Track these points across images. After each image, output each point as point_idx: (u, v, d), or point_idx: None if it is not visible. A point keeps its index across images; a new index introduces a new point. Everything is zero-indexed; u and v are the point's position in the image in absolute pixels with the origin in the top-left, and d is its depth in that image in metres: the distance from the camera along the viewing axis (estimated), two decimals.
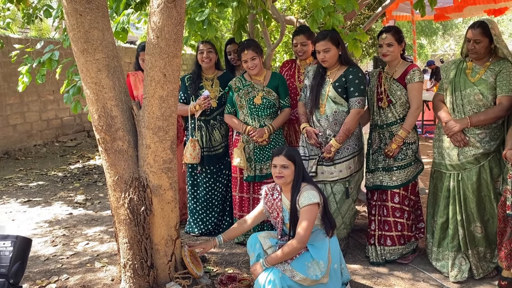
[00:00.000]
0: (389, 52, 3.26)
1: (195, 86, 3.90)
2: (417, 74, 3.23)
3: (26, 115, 8.46)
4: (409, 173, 3.32)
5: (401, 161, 3.30)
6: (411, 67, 3.27)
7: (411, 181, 3.35)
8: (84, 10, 2.58)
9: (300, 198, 2.78)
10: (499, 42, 3.02)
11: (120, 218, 2.82)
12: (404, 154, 3.30)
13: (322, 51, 3.28)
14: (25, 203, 5.21)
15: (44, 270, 3.35)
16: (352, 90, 3.27)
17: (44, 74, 4.41)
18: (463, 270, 3.13)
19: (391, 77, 3.32)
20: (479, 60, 3.13)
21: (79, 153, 8.40)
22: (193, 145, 3.84)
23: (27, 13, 5.83)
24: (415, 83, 3.22)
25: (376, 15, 5.67)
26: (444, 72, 3.29)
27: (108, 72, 2.70)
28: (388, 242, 3.37)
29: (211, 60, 3.87)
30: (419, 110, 3.26)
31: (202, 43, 3.85)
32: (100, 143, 2.79)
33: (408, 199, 3.37)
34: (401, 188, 3.33)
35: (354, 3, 3.38)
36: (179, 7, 2.60)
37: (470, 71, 3.13)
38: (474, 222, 3.13)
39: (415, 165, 3.34)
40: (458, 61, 3.28)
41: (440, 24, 20.39)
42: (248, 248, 2.97)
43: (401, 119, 3.28)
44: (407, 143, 3.29)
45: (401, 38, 3.29)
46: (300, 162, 2.90)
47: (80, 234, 4.12)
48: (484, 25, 3.02)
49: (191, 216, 4.07)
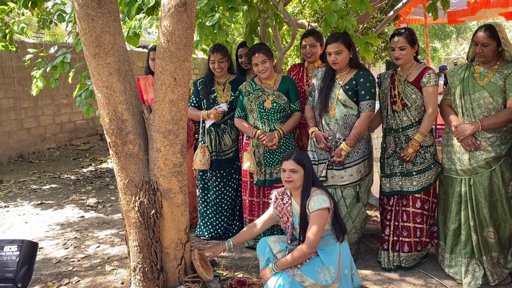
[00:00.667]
0: (402, 56, 3.23)
1: (207, 90, 3.91)
2: (432, 77, 3.18)
3: (40, 118, 8.58)
4: (429, 176, 3.27)
5: (420, 165, 3.25)
6: (426, 69, 3.22)
7: (433, 184, 3.31)
8: (96, 14, 2.60)
9: (310, 202, 2.76)
10: (506, 45, 3.01)
11: (130, 221, 2.83)
12: (423, 157, 3.25)
13: (334, 53, 3.25)
14: (38, 205, 5.27)
15: (55, 273, 3.37)
16: (363, 93, 3.25)
17: (57, 78, 4.46)
18: (476, 276, 3.08)
19: (405, 80, 3.28)
20: (487, 64, 3.11)
21: (91, 156, 8.48)
22: (203, 151, 3.84)
23: (42, 18, 5.91)
24: (431, 86, 3.18)
25: (388, 18, 5.63)
26: (451, 77, 3.26)
27: (119, 76, 2.72)
28: (406, 248, 3.33)
29: (222, 69, 3.88)
30: (436, 113, 3.21)
31: (213, 53, 3.83)
32: (111, 147, 2.80)
33: (428, 203, 3.33)
34: (423, 192, 3.28)
35: (368, 5, 3.35)
36: (190, 11, 2.61)
37: (478, 75, 3.10)
38: (487, 227, 3.08)
39: (434, 167, 3.29)
40: (465, 65, 3.25)
41: (454, 28, 20.22)
42: (257, 252, 2.95)
43: (417, 122, 3.24)
44: (424, 146, 3.24)
45: (414, 41, 3.25)
46: (310, 166, 2.88)
47: (91, 237, 4.15)
48: (491, 28, 3.00)
49: (202, 219, 4.07)
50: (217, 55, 3.83)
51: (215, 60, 3.84)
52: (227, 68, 3.96)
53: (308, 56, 3.84)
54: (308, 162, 2.89)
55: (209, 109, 3.89)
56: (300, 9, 9.82)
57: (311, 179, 2.85)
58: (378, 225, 4.07)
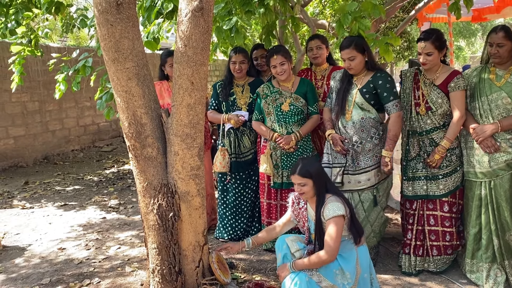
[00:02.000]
0: (428, 61, 3.11)
1: (226, 92, 3.94)
2: (461, 81, 3.09)
3: (64, 121, 8.77)
4: (456, 179, 3.21)
5: (446, 168, 3.19)
6: (454, 73, 3.12)
7: (459, 186, 3.23)
8: (115, 20, 2.65)
9: (325, 210, 2.72)
10: None
11: (149, 224, 2.87)
12: (449, 160, 3.19)
13: (348, 59, 3.22)
14: (61, 207, 5.39)
15: (77, 273, 3.44)
16: (386, 96, 3.20)
17: (79, 82, 4.54)
18: (498, 282, 3.02)
19: (431, 82, 3.19)
20: (502, 65, 3.05)
21: (114, 158, 8.62)
22: (223, 154, 3.87)
23: (65, 22, 6.04)
24: (459, 91, 3.09)
25: (410, 18, 5.56)
26: (466, 80, 3.18)
27: (138, 80, 2.75)
28: (434, 252, 3.27)
29: (242, 70, 3.91)
30: (463, 119, 3.10)
31: (235, 54, 3.86)
32: (130, 150, 2.84)
33: (456, 205, 3.26)
34: (450, 195, 3.23)
35: (381, 9, 3.33)
36: (207, 16, 2.63)
37: (495, 76, 3.05)
38: (509, 231, 3.01)
39: (460, 169, 3.22)
40: (479, 67, 3.20)
41: (479, 25, 19.79)
42: (276, 248, 2.95)
43: (442, 126, 3.17)
44: (450, 148, 3.16)
45: (442, 45, 3.12)
46: (319, 174, 2.81)
47: (112, 238, 4.22)
48: (506, 28, 2.96)
49: (221, 221, 4.09)
50: (238, 56, 3.85)
51: (236, 61, 3.86)
52: (247, 71, 3.98)
53: (314, 58, 3.86)
54: (316, 170, 2.81)
55: (228, 111, 3.92)
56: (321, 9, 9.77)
57: (324, 186, 2.79)
58: (399, 228, 4.01)
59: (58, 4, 4.81)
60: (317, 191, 2.78)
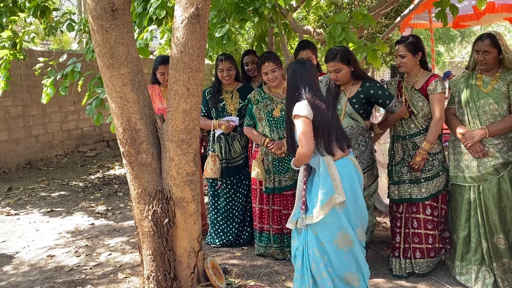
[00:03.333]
0: (402, 63, 3.26)
1: (215, 100, 3.94)
2: (439, 84, 3.20)
3: (48, 125, 8.64)
4: (438, 183, 3.28)
5: (428, 172, 3.27)
6: (433, 77, 3.25)
7: (442, 191, 3.31)
8: (109, 26, 2.64)
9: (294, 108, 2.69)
10: (507, 52, 3.06)
11: (143, 230, 2.86)
12: (431, 165, 3.27)
13: (333, 72, 3.23)
14: (48, 213, 5.31)
15: (68, 281, 3.40)
16: (382, 101, 3.24)
17: (67, 86, 4.50)
18: (487, 283, 3.09)
19: (412, 87, 3.30)
20: (489, 72, 3.15)
21: (99, 163, 8.52)
22: (213, 159, 3.87)
23: (48, 25, 5.97)
24: (437, 94, 3.20)
25: (395, 25, 5.66)
26: (454, 86, 3.30)
27: (132, 86, 2.75)
28: (418, 254, 3.34)
29: (231, 77, 3.92)
30: (442, 120, 3.22)
31: (222, 61, 3.86)
32: (125, 156, 2.83)
33: (437, 210, 3.34)
34: (431, 199, 3.30)
35: (371, 19, 3.39)
36: (203, 23, 2.65)
37: (481, 83, 3.14)
38: (497, 234, 3.09)
39: (443, 174, 3.30)
40: (467, 74, 3.29)
41: (458, 31, 20.21)
42: None
43: (424, 130, 3.26)
44: (432, 153, 3.25)
45: (417, 48, 3.24)
46: (295, 76, 2.75)
47: (102, 245, 4.17)
48: (492, 36, 3.06)
49: (212, 227, 4.09)
50: (225, 63, 3.87)
51: (223, 69, 3.87)
52: (235, 76, 4.00)
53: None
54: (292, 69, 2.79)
55: (218, 117, 3.93)
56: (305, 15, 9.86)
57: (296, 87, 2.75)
58: (388, 231, 4.07)
59: (44, 8, 4.76)
60: (291, 89, 2.75)
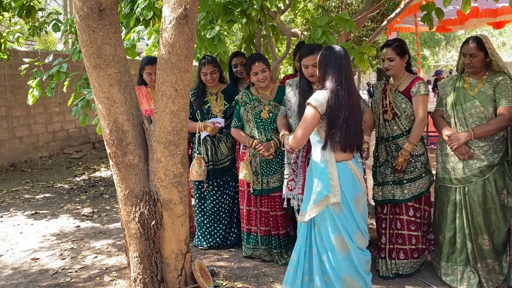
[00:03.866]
0: (391, 67, 3.30)
1: (200, 102, 3.92)
2: (422, 87, 3.25)
3: (32, 127, 8.52)
4: (420, 185, 3.32)
5: (410, 174, 3.31)
6: (416, 79, 3.29)
7: (424, 193, 3.36)
8: (97, 26, 2.62)
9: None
10: (494, 55, 3.09)
11: (130, 232, 2.83)
12: (413, 166, 3.31)
13: (311, 66, 3.19)
14: (32, 215, 5.23)
15: (53, 284, 3.35)
16: None
17: (53, 87, 4.45)
18: (471, 284, 3.13)
19: (396, 89, 3.34)
20: (476, 75, 3.18)
21: (84, 165, 8.43)
22: (199, 162, 3.85)
23: (32, 26, 5.90)
24: (420, 96, 3.24)
25: (381, 28, 5.71)
26: (442, 89, 3.34)
27: (120, 87, 2.73)
28: (401, 255, 3.37)
29: (214, 80, 3.90)
30: (424, 122, 3.26)
31: (205, 65, 3.83)
32: (111, 157, 2.81)
33: (420, 211, 3.38)
34: (414, 201, 3.33)
35: (352, 24, 3.42)
36: (191, 24, 2.64)
37: (469, 86, 3.18)
38: (481, 235, 3.13)
39: (426, 176, 3.34)
40: (455, 77, 3.33)
41: (443, 36, 20.50)
42: None
43: (407, 132, 3.30)
44: (415, 155, 3.29)
45: (404, 51, 3.30)
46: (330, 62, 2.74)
47: (88, 247, 4.12)
48: (478, 39, 3.09)
49: (199, 229, 4.07)
50: (208, 67, 3.84)
51: (207, 72, 3.85)
52: (218, 78, 3.97)
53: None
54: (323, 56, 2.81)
55: (204, 119, 3.91)
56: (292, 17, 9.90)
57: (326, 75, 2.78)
58: (374, 232, 4.09)
59: (29, 7, 4.70)
60: (320, 75, 2.80)
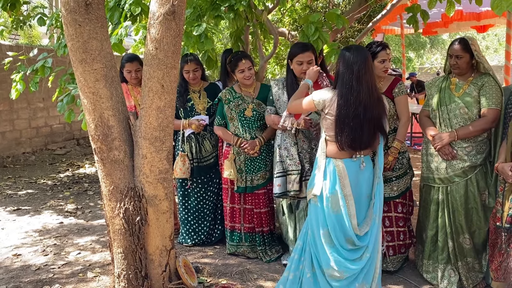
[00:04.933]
0: (385, 68, 3.29)
1: (183, 100, 3.89)
2: (403, 87, 3.34)
3: (15, 122, 8.39)
4: (406, 181, 3.39)
5: (398, 171, 3.36)
6: (396, 80, 3.35)
7: (409, 188, 3.44)
8: (83, 20, 2.60)
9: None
10: (479, 57, 3.13)
11: (115, 228, 2.82)
12: (401, 163, 3.36)
13: (306, 63, 3.24)
14: (14, 211, 5.16)
15: (35, 280, 3.32)
16: None
17: (38, 82, 4.40)
18: (452, 281, 3.18)
19: None
20: (462, 76, 3.22)
21: (68, 161, 8.34)
22: (182, 159, 3.84)
23: (16, 19, 5.81)
24: (403, 96, 3.31)
25: (368, 29, 5.77)
26: (429, 89, 3.39)
27: (105, 82, 2.71)
28: (391, 252, 3.42)
29: (197, 78, 3.90)
30: (409, 121, 3.35)
31: (187, 63, 3.80)
32: (96, 153, 2.79)
33: (406, 206, 3.45)
34: (401, 197, 3.39)
35: (344, 20, 3.45)
36: (178, 20, 2.64)
37: (454, 87, 3.22)
38: (462, 234, 3.18)
39: (410, 172, 3.44)
40: (442, 77, 3.38)
41: (428, 38, 20.75)
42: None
43: (393, 131, 3.33)
44: (401, 152, 3.34)
45: None
46: None
47: (71, 244, 4.09)
48: (464, 41, 3.13)
49: (183, 227, 4.06)
50: (191, 65, 3.83)
51: (189, 70, 3.84)
52: (201, 76, 3.96)
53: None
54: None
55: (187, 117, 3.90)
56: (280, 17, 9.92)
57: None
58: None
59: (13, 1, 4.64)
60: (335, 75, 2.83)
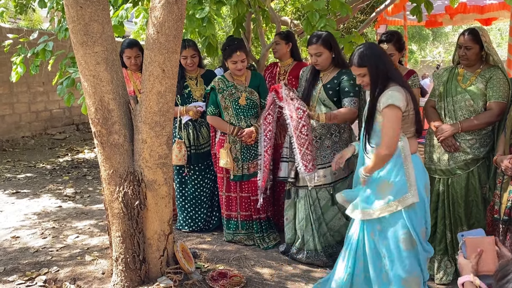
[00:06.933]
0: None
1: (180, 86, 3.85)
2: (417, 80, 3.29)
3: (15, 106, 8.37)
4: None
5: None
6: (410, 72, 3.29)
7: None
8: (84, 2, 2.58)
9: (382, 98, 2.48)
10: (489, 49, 3.04)
11: (113, 212, 2.82)
12: None
13: (314, 55, 3.23)
14: (13, 194, 5.17)
15: (33, 262, 3.33)
16: (346, 91, 3.20)
17: (38, 65, 4.38)
18: (448, 273, 3.19)
19: None
20: (470, 67, 3.15)
21: (67, 146, 8.34)
22: (179, 146, 3.83)
23: (19, 3, 5.77)
24: (416, 89, 3.28)
25: (370, 19, 5.74)
26: (436, 79, 3.32)
27: (106, 65, 2.69)
28: None
29: (194, 64, 3.87)
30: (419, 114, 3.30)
31: (186, 48, 3.76)
32: (96, 136, 2.78)
33: None
34: None
35: (348, 8, 3.42)
36: (180, 3, 2.61)
37: (462, 78, 3.16)
38: (461, 226, 3.17)
39: None
40: (450, 68, 3.31)
41: (431, 31, 20.59)
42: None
43: None
44: None
45: (402, 46, 3.31)
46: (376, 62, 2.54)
47: (70, 227, 4.10)
48: (474, 32, 3.04)
49: (181, 214, 4.07)
50: (189, 50, 3.79)
51: (187, 56, 3.80)
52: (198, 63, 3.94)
53: (274, 52, 4.01)
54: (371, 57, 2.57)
55: (184, 104, 3.87)
56: (282, 6, 9.86)
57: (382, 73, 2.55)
58: None
59: None
60: (373, 78, 2.55)
